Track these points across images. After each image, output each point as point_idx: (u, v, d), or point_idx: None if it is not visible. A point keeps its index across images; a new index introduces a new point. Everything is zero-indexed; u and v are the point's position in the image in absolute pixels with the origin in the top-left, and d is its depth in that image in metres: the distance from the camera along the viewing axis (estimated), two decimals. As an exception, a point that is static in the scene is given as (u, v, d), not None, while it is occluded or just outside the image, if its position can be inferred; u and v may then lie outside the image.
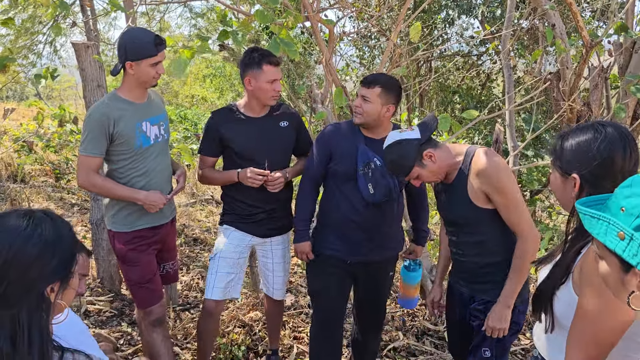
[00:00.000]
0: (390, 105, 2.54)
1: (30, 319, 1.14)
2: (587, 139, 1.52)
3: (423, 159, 2.15)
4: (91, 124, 2.43)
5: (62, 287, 1.22)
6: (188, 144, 8.78)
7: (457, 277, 2.37)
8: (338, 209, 2.62)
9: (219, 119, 2.76)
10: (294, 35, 9.62)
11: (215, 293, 2.77)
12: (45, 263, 1.17)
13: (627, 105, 3.77)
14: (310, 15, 2.97)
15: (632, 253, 0.99)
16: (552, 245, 5.43)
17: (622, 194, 1.05)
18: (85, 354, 1.20)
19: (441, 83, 12.10)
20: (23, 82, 12.44)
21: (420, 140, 2.15)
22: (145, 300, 2.65)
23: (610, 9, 3.91)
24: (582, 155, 1.51)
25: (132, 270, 2.61)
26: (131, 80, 2.49)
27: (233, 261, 2.81)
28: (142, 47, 2.40)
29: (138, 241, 2.59)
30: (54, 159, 7.71)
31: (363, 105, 2.52)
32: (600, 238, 1.05)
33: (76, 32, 5.78)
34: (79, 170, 2.48)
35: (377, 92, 2.49)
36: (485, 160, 2.08)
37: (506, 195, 2.07)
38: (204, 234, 5.63)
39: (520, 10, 7.56)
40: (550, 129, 7.38)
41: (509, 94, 4.52)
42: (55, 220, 1.23)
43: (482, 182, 2.08)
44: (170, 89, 20.65)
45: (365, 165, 2.52)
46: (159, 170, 2.61)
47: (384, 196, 2.52)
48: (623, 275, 1.05)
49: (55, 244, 1.19)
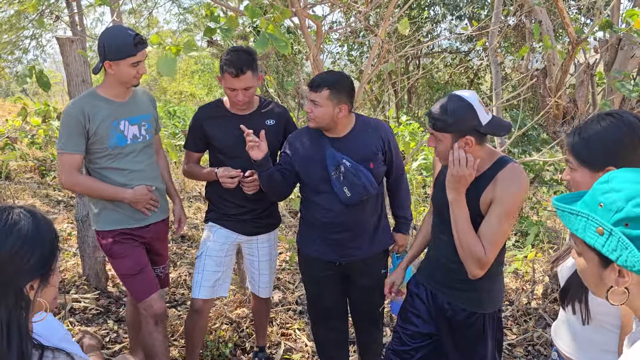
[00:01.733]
0: (343, 105, 2.42)
1: (9, 316, 1.12)
2: (611, 129, 1.50)
3: (462, 139, 1.92)
4: (68, 120, 2.38)
5: (42, 284, 1.20)
6: (176, 140, 8.72)
7: (434, 281, 2.22)
8: (319, 215, 2.55)
9: (203, 115, 2.75)
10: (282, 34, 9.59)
11: (202, 292, 2.75)
12: (23, 259, 1.15)
13: (612, 101, 3.80)
14: (298, 11, 2.95)
15: (611, 248, 1.00)
16: (538, 240, 5.47)
17: (600, 190, 1.05)
18: (65, 352, 1.19)
19: (429, 79, 12.14)
20: (8, 77, 12.29)
21: (480, 126, 1.92)
22: (141, 290, 2.56)
23: (596, 6, 3.93)
24: (614, 146, 1.49)
25: (122, 263, 2.55)
26: (111, 79, 2.46)
27: (220, 259, 2.78)
28: (121, 47, 2.35)
29: (123, 237, 2.56)
30: (39, 155, 7.63)
31: (314, 110, 2.41)
32: (579, 234, 1.06)
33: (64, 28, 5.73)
34: (61, 170, 2.43)
35: (325, 94, 2.38)
36: (513, 171, 1.95)
37: (502, 206, 1.92)
38: (191, 231, 5.60)
39: (507, 7, 7.59)
40: (536, 125, 7.43)
41: (496, 90, 4.54)
42: (35, 217, 1.22)
43: (495, 187, 1.94)
44: (158, 85, 20.51)
45: (335, 168, 2.44)
46: (138, 170, 2.56)
47: (362, 195, 2.45)
48: (601, 271, 1.06)
49: (34, 241, 1.17)
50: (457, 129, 1.91)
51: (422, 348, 2.27)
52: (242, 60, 2.50)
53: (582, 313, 1.58)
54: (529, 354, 3.55)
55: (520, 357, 3.51)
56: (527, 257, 4.16)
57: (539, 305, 4.05)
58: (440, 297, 2.20)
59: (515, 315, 3.97)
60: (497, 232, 1.92)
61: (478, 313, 2.12)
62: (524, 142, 7.59)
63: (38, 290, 1.19)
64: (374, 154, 2.50)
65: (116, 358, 1.76)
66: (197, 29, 13.65)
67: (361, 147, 2.49)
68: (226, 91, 2.61)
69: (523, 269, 4.71)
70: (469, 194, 1.98)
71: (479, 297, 2.12)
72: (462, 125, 1.90)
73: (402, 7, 3.96)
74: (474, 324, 2.13)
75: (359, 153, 2.47)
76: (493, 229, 1.92)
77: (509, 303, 4.22)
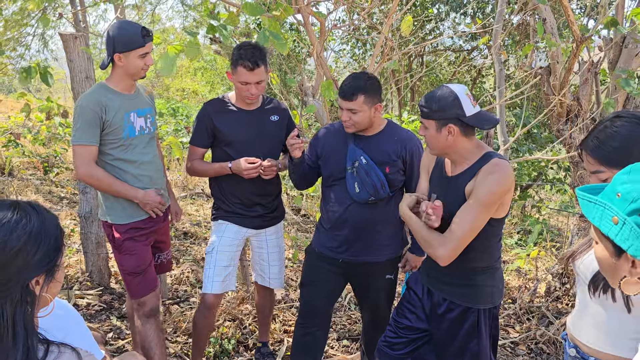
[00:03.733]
0: (377, 105, 2.48)
1: (15, 311, 1.13)
2: (625, 127, 1.53)
3: (444, 127, 1.98)
4: (84, 112, 2.42)
5: (48, 279, 1.20)
6: (178, 137, 8.72)
7: (431, 277, 2.24)
8: (329, 209, 2.63)
9: (211, 109, 2.77)
10: (283, 32, 9.58)
11: (215, 287, 2.77)
12: (29, 255, 1.15)
13: (616, 100, 3.79)
14: (302, 7, 2.95)
15: (624, 237, 1.01)
16: (541, 239, 5.46)
17: (619, 180, 1.06)
18: (71, 347, 1.19)
19: (433, 77, 12.12)
20: (11, 74, 12.30)
21: (463, 116, 1.96)
22: (138, 290, 2.64)
23: (600, 4, 3.92)
24: (634, 143, 1.52)
25: (128, 259, 2.60)
26: (120, 72, 2.51)
27: (231, 254, 2.83)
28: (130, 39, 2.41)
29: (135, 232, 2.60)
30: (43, 152, 7.64)
31: (353, 118, 2.45)
32: (596, 222, 1.07)
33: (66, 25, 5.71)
34: (77, 162, 2.45)
35: (361, 100, 2.42)
36: (494, 166, 1.96)
37: (476, 199, 1.94)
38: (194, 228, 5.60)
39: (512, 5, 7.57)
40: (540, 124, 7.41)
41: (499, 88, 4.53)
42: (41, 212, 1.22)
43: (478, 178, 1.97)
44: (161, 82, 20.51)
45: (352, 163, 2.50)
46: (148, 161, 2.62)
47: (370, 194, 2.47)
48: (616, 260, 1.07)
49: (40, 236, 1.18)
50: (441, 116, 1.98)
51: (414, 341, 2.32)
52: (256, 54, 2.57)
53: (624, 299, 1.57)
54: (531, 352, 3.55)
55: (523, 355, 3.51)
56: (530, 255, 4.15)
57: (541, 303, 4.05)
58: (436, 294, 2.21)
59: (518, 313, 3.97)
60: (464, 224, 1.95)
61: (473, 308, 2.13)
62: (527, 140, 7.58)
63: (44, 285, 1.19)
64: (393, 160, 2.53)
65: (123, 355, 1.76)
66: (201, 27, 13.64)
67: (382, 149, 2.53)
68: (237, 85, 2.65)
69: (526, 267, 4.71)
70: (455, 186, 2.05)
71: (474, 292, 2.13)
72: (445, 112, 1.97)
73: (406, 4, 3.95)
74: (468, 319, 2.14)
75: (378, 155, 2.51)
76: (461, 220, 1.96)
77: (512, 301, 4.22)
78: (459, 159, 2.07)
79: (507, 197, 2.00)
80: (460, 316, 2.15)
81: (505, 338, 3.67)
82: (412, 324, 2.31)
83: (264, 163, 2.68)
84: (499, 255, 2.18)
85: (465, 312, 2.14)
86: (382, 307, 2.74)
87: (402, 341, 2.34)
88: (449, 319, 2.17)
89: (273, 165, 2.70)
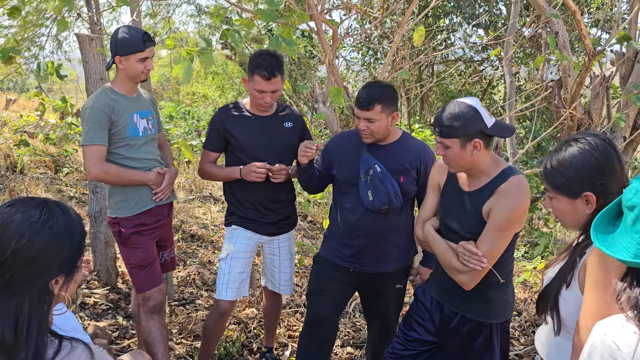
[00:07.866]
0: (394, 113, 2.48)
1: (32, 309, 1.14)
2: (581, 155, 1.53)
3: (469, 142, 1.97)
4: (95, 114, 2.49)
5: (67, 280, 1.21)
6: (188, 140, 8.77)
7: (444, 291, 2.21)
8: (341, 217, 2.61)
9: (226, 114, 2.79)
10: (295, 38, 9.62)
11: (230, 293, 2.78)
12: (53, 256, 1.17)
13: (627, 115, 3.79)
14: (315, 15, 2.97)
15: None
16: (548, 252, 5.44)
17: None
18: (84, 342, 1.20)
19: (443, 88, 12.12)
20: (25, 73, 12.43)
21: (485, 128, 1.96)
22: (144, 283, 2.68)
23: (613, 19, 3.92)
24: (588, 172, 1.51)
25: (134, 253, 2.65)
26: (122, 75, 2.61)
27: (245, 260, 2.83)
28: (130, 43, 2.50)
29: (141, 227, 2.65)
30: (54, 151, 7.71)
31: (370, 127, 2.45)
32: None
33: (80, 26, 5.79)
34: (88, 162, 2.50)
35: (378, 109, 2.42)
36: (514, 185, 1.97)
37: (497, 220, 1.95)
38: (201, 231, 5.63)
39: (524, 17, 7.58)
40: (550, 137, 7.40)
41: (509, 100, 4.53)
42: (67, 213, 1.23)
43: (494, 200, 1.97)
44: (171, 85, 20.64)
45: (366, 172, 2.49)
46: (152, 159, 2.72)
47: (383, 203, 2.46)
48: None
49: (64, 238, 1.19)
50: (465, 133, 1.96)
51: (422, 353, 2.31)
52: (273, 64, 2.59)
53: (553, 322, 1.60)
54: (536, 365, 3.54)
55: (527, 368, 3.50)
56: (537, 268, 4.13)
57: (547, 316, 4.02)
58: (446, 308, 2.20)
59: (523, 326, 3.96)
60: (489, 246, 1.97)
61: (486, 323, 2.12)
62: (537, 153, 7.56)
63: (63, 285, 1.20)
64: (407, 170, 2.52)
65: (129, 352, 1.77)
66: (214, 32, 13.73)
67: (396, 159, 2.52)
68: (253, 93, 2.66)
69: (532, 279, 4.69)
70: (473, 203, 2.04)
71: (488, 307, 2.12)
72: (469, 128, 1.95)
73: (418, 15, 3.97)
74: (481, 334, 2.13)
75: (393, 164, 2.51)
76: (486, 243, 1.97)
77: (517, 313, 4.21)
78: (478, 173, 2.06)
79: (524, 216, 2.01)
80: (473, 330, 2.13)
81: (510, 350, 3.65)
82: (421, 337, 2.28)
83: (273, 167, 2.69)
84: (512, 269, 2.17)
85: (478, 327, 2.13)
86: (390, 316, 2.73)
87: (411, 354, 2.31)
88: (461, 333, 2.16)
89: (283, 169, 2.71)
